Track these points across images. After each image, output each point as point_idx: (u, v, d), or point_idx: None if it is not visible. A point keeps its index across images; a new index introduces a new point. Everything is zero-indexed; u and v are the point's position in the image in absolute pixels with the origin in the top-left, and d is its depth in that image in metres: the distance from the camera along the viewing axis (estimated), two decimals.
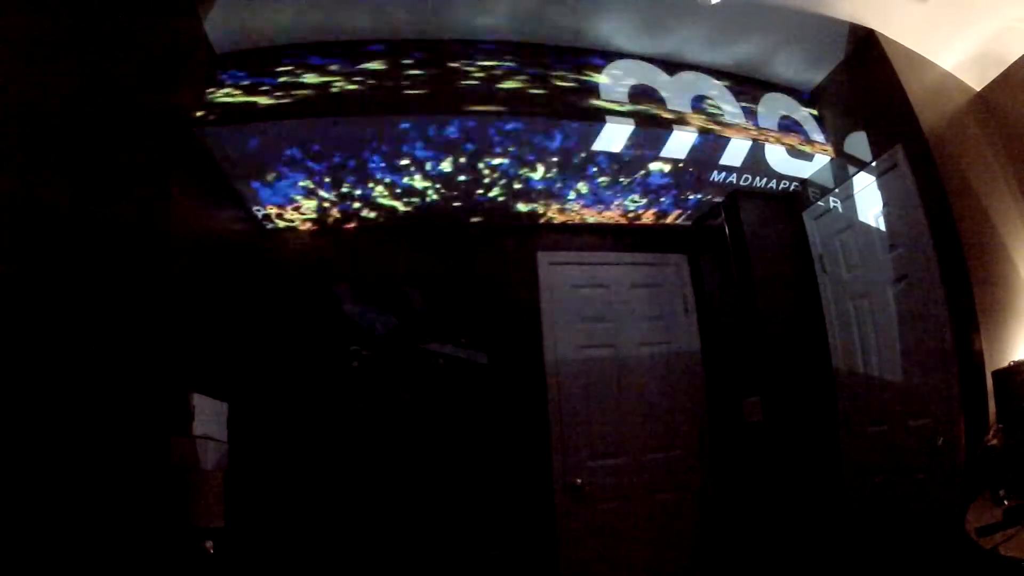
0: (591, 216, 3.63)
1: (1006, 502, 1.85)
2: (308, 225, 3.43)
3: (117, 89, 1.94)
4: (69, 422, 1.64)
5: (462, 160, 2.96)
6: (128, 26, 2.01)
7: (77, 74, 1.75)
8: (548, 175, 3.14)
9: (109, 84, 1.90)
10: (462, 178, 3.11)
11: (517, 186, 3.22)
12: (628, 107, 2.83)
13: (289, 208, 3.24)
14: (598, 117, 2.79)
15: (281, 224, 3.39)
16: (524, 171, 3.09)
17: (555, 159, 3.00)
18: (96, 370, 1.77)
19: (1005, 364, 2.29)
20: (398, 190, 3.17)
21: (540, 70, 2.83)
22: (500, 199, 3.33)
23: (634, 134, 2.81)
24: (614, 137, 2.82)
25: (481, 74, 2.77)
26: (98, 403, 1.76)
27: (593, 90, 2.85)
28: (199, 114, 2.53)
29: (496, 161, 2.99)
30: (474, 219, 3.54)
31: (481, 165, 3.02)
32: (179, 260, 2.35)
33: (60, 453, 1.60)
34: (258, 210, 3.23)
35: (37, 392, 1.53)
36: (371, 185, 3.11)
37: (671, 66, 3.01)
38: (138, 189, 2.08)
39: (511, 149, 2.91)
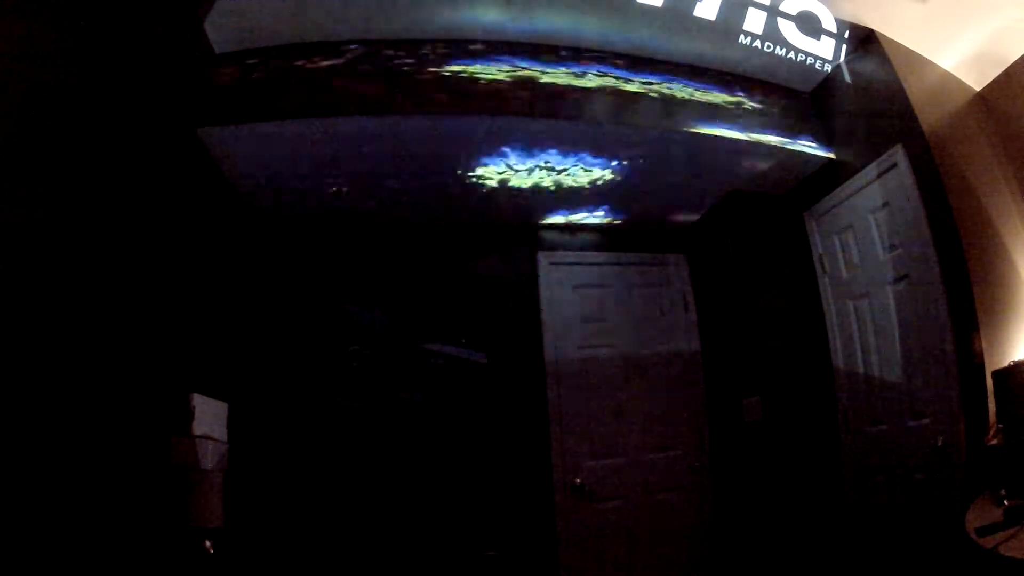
0: (591, 216, 3.63)
1: (1006, 502, 1.85)
2: (308, 224, 3.43)
3: (117, 89, 1.94)
4: (70, 422, 1.64)
5: (463, 160, 2.96)
6: (128, 26, 2.01)
7: (77, 74, 1.75)
8: (549, 173, 3.14)
9: (109, 84, 1.90)
10: (462, 178, 3.11)
11: (518, 185, 3.22)
12: None
13: (289, 207, 3.24)
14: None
15: (281, 223, 3.38)
16: (524, 169, 3.09)
17: (556, 157, 3.00)
18: (96, 370, 1.77)
19: (1005, 364, 2.28)
20: (399, 189, 3.17)
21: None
22: (501, 199, 3.33)
23: None
24: None
25: (482, 73, 2.77)
26: (98, 403, 1.76)
27: None
28: (199, 114, 2.53)
29: (496, 161, 2.99)
30: (474, 219, 3.55)
31: (481, 164, 3.02)
32: (179, 260, 2.35)
33: (61, 453, 1.59)
34: (258, 209, 3.22)
35: (38, 393, 1.53)
36: (372, 184, 3.11)
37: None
38: (138, 189, 2.08)
39: (512, 149, 2.91)
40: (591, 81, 2.86)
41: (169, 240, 2.27)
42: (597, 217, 3.64)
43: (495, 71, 2.77)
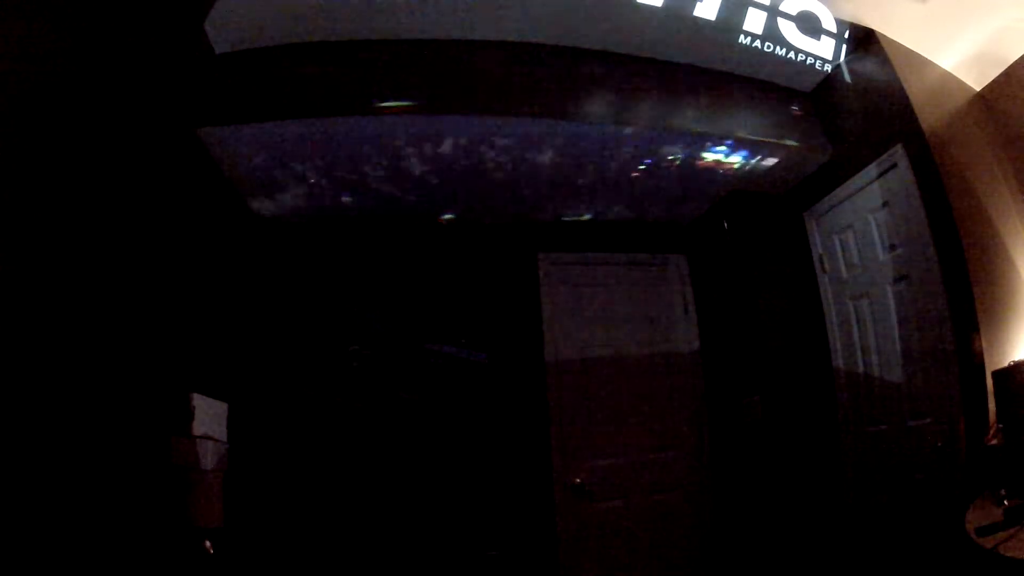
0: (591, 216, 3.63)
1: (1006, 502, 1.85)
2: (308, 224, 3.43)
3: (117, 89, 1.94)
4: (70, 422, 1.64)
5: (463, 159, 2.96)
6: (128, 26, 2.01)
7: (77, 74, 1.75)
8: (550, 173, 3.14)
9: (109, 84, 1.90)
10: (462, 177, 3.11)
11: (518, 185, 3.22)
12: None
13: (289, 207, 3.24)
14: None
15: (281, 223, 3.38)
16: (525, 170, 3.09)
17: (558, 157, 3.00)
18: (97, 371, 1.77)
19: (1005, 364, 2.28)
20: (399, 189, 3.18)
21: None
22: (501, 198, 3.33)
23: None
24: None
25: (481, 73, 2.77)
26: (99, 403, 1.76)
27: None
28: (199, 114, 2.53)
29: (497, 160, 2.99)
30: (475, 219, 3.55)
31: (482, 164, 3.02)
32: (179, 260, 2.35)
33: (61, 453, 1.59)
34: (257, 209, 3.23)
35: (38, 392, 1.53)
36: (372, 184, 3.11)
37: None
38: (137, 189, 2.08)
39: (513, 148, 2.91)
40: (591, 81, 2.86)
41: (169, 240, 2.27)
42: (597, 217, 3.64)
43: (496, 71, 2.77)
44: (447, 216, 3.50)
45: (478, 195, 3.28)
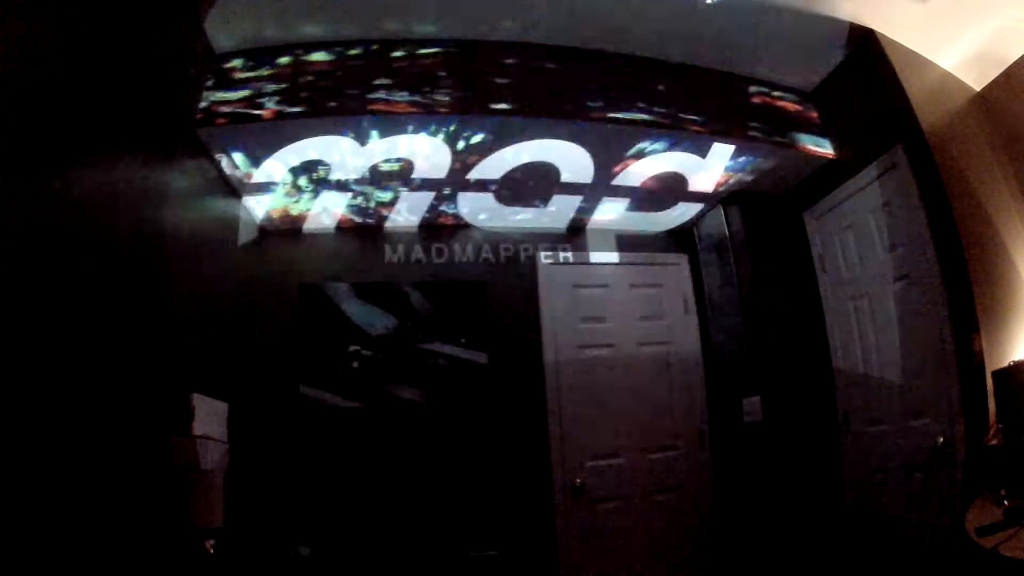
0: (591, 216, 3.63)
1: (1006, 502, 1.85)
2: (307, 225, 3.44)
3: (116, 89, 1.94)
4: (69, 422, 1.64)
5: (463, 158, 2.96)
6: (127, 26, 2.01)
7: (76, 74, 1.75)
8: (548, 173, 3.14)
9: (108, 84, 1.89)
10: (463, 176, 3.11)
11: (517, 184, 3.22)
12: None
13: (288, 207, 3.25)
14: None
15: (280, 223, 3.39)
16: (525, 169, 3.08)
17: (557, 157, 3.00)
18: (97, 371, 1.77)
19: (1005, 364, 2.28)
20: (398, 189, 3.18)
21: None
22: (500, 198, 3.33)
23: None
24: None
25: (482, 71, 2.77)
26: (99, 403, 1.76)
27: None
28: (199, 114, 2.53)
29: (496, 159, 2.99)
30: (474, 218, 3.56)
31: (482, 163, 3.02)
32: (178, 260, 2.35)
33: (60, 453, 1.60)
34: (257, 209, 3.23)
35: (38, 392, 1.53)
36: (371, 184, 3.11)
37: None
38: (137, 189, 2.08)
39: (512, 147, 2.91)
40: (591, 80, 2.86)
41: (168, 240, 2.27)
42: (597, 216, 3.64)
43: (495, 69, 2.77)
44: (447, 215, 3.51)
45: (477, 194, 3.28)
